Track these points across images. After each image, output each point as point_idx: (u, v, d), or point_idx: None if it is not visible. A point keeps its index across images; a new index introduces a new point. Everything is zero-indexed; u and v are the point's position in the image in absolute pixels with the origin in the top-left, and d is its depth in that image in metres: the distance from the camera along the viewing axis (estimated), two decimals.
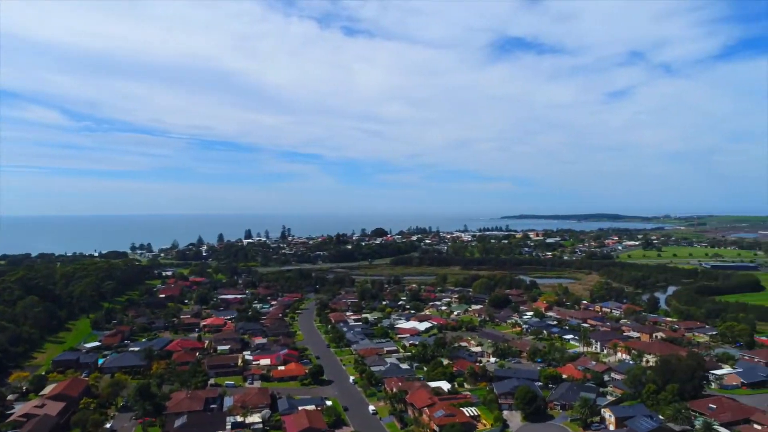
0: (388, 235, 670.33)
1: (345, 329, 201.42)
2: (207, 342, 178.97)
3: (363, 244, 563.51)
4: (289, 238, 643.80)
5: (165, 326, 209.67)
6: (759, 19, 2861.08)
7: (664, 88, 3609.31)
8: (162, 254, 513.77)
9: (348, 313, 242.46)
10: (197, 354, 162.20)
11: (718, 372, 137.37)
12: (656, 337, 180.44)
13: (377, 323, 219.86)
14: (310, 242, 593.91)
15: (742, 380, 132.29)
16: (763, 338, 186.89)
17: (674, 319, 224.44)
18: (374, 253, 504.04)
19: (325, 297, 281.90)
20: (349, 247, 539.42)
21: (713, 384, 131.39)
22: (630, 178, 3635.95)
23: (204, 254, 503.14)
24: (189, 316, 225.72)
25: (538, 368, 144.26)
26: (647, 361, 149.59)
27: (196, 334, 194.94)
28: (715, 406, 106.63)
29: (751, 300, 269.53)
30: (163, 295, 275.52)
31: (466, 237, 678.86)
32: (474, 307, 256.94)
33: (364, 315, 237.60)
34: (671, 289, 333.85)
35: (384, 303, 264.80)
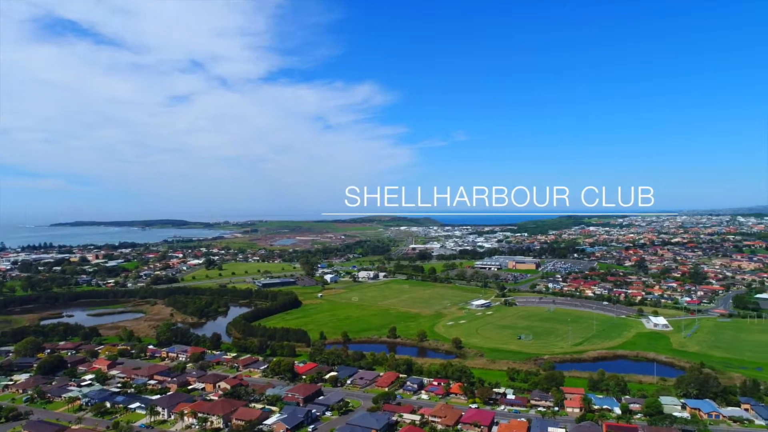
0: None
1: None
2: None
3: None
4: None
5: None
6: (292, 54, 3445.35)
7: (221, 99, 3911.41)
8: None
9: None
10: None
11: (269, 422, 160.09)
12: (219, 387, 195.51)
13: None
14: None
15: (286, 426, 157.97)
16: (300, 365, 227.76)
17: (234, 355, 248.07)
18: None
19: None
20: None
21: None
22: (193, 181, 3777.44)
23: None
24: None
25: None
26: (212, 423, 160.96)
27: None
28: None
29: (291, 321, 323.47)
30: None
31: (4, 264, 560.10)
32: (19, 377, 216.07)
33: None
34: (234, 312, 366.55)
35: None
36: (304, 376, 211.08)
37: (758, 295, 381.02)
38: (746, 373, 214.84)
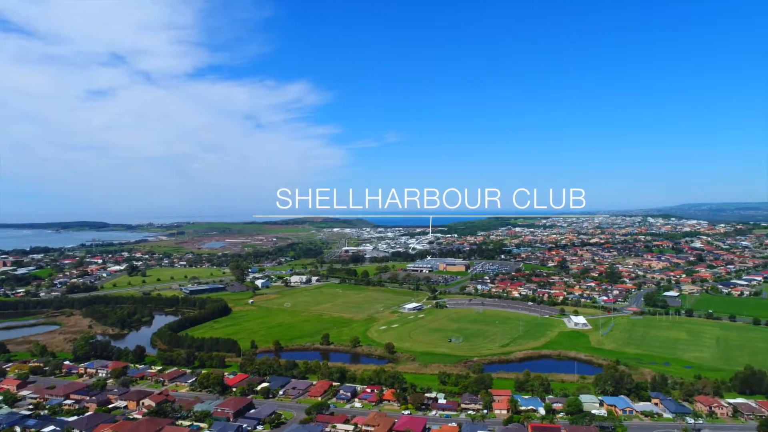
0: None
1: None
2: None
3: None
4: None
5: None
6: (221, 50, 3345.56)
7: (145, 94, 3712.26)
8: None
9: None
10: None
11: None
12: (143, 404, 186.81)
13: None
14: None
15: None
16: (230, 376, 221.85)
17: (159, 368, 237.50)
18: None
19: None
20: None
21: None
22: (114, 180, 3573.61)
23: None
24: None
25: None
26: None
27: None
28: None
29: (220, 330, 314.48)
30: None
31: None
32: None
33: None
34: (159, 321, 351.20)
35: None
36: (234, 389, 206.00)
37: (666, 293, 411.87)
38: (656, 368, 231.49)
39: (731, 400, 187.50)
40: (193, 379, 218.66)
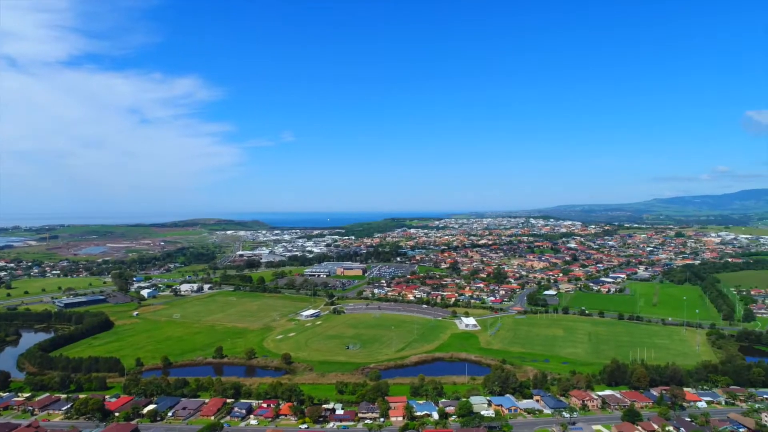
0: None
1: None
2: None
3: None
4: None
5: None
6: (100, 38, 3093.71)
7: (11, 82, 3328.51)
8: None
9: None
10: None
11: None
12: None
13: None
14: None
15: None
16: (112, 400, 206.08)
17: (27, 395, 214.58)
18: None
19: None
20: None
21: None
22: None
23: None
24: None
25: None
26: None
27: None
28: None
29: (100, 347, 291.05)
30: None
31: None
32: None
33: None
34: (28, 340, 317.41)
35: None
36: (117, 414, 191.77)
37: (546, 292, 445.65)
38: (537, 365, 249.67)
39: (600, 393, 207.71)
40: (69, 406, 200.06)
